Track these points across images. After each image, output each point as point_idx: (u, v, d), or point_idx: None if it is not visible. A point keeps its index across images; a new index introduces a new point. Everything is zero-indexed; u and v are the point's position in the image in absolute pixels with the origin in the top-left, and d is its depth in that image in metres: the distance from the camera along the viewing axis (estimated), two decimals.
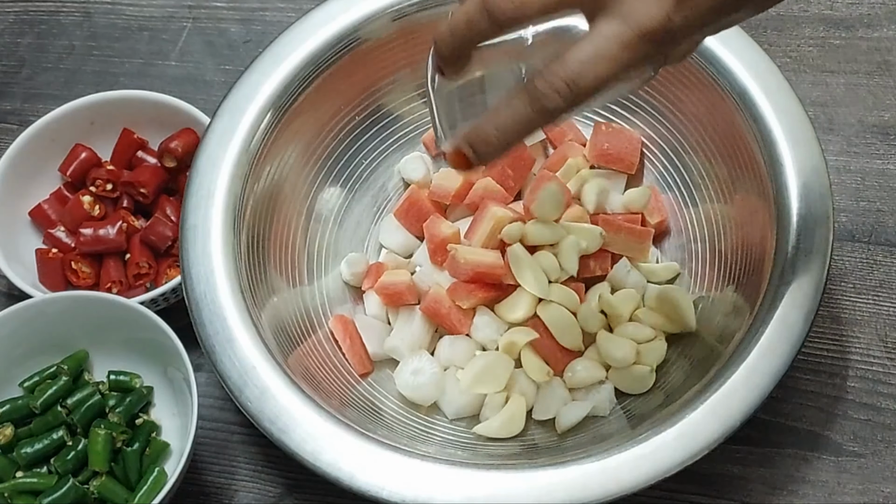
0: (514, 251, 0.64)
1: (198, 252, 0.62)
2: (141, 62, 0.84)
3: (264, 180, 0.66)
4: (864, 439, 0.64)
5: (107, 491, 0.61)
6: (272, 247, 0.67)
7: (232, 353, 0.59)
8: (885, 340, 0.67)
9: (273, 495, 0.65)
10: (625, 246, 0.67)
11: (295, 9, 0.84)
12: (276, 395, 0.57)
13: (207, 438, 0.67)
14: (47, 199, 0.73)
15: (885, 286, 0.69)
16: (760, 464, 0.64)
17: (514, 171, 0.69)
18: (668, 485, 0.58)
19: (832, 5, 0.81)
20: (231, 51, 0.84)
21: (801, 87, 0.77)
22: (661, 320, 0.65)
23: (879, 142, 0.75)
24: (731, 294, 0.63)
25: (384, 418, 0.63)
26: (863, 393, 0.66)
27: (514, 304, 0.65)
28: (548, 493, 0.54)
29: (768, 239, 0.61)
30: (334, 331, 0.67)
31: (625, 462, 0.54)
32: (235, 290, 0.61)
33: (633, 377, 0.63)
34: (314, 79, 0.68)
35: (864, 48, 0.79)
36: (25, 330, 0.64)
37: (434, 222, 0.68)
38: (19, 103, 0.83)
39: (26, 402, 0.63)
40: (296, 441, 0.56)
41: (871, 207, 0.72)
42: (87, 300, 0.64)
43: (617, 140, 0.70)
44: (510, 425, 0.62)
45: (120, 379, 0.65)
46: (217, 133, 0.65)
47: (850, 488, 0.63)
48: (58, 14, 0.87)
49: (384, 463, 0.55)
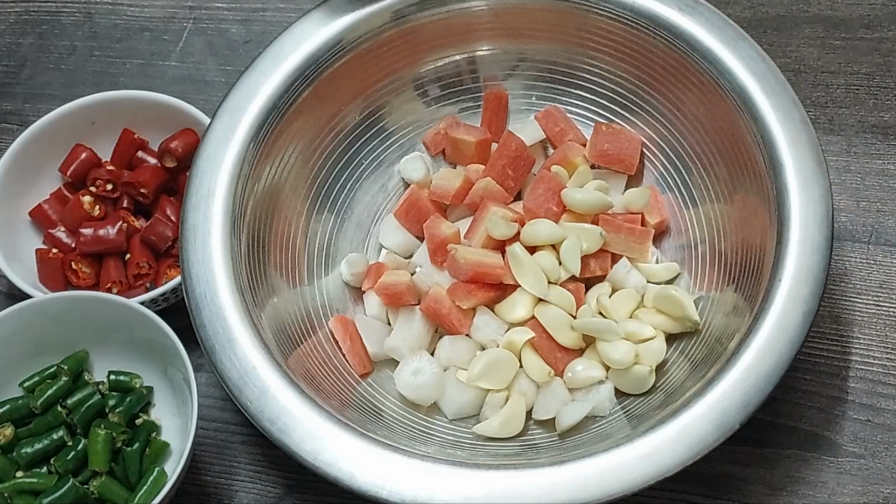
0: (514, 251, 0.64)
1: (198, 252, 0.62)
2: (141, 62, 0.84)
3: (264, 180, 0.66)
4: (864, 440, 0.64)
5: (107, 491, 0.61)
6: (272, 247, 0.67)
7: (232, 353, 0.59)
8: (885, 341, 0.67)
9: (273, 495, 0.65)
10: (625, 246, 0.67)
11: (295, 9, 0.84)
12: (276, 395, 0.57)
13: (207, 438, 0.67)
14: (47, 200, 0.74)
15: (886, 286, 0.69)
16: (760, 464, 0.64)
17: (514, 171, 0.69)
18: (668, 485, 0.58)
19: (832, 5, 0.81)
20: (231, 51, 0.84)
21: (801, 88, 0.77)
22: (662, 319, 0.65)
23: (879, 142, 0.75)
24: (731, 294, 0.63)
25: (384, 418, 0.63)
26: (863, 394, 0.66)
27: (513, 304, 0.65)
28: (548, 493, 0.54)
29: (768, 239, 0.61)
30: (334, 331, 0.67)
31: (625, 462, 0.54)
32: (235, 290, 0.61)
33: (632, 377, 0.63)
34: (314, 79, 0.68)
35: (865, 49, 0.79)
36: (25, 330, 0.64)
37: (434, 222, 0.68)
38: (20, 103, 0.83)
39: (26, 402, 0.64)
40: (296, 441, 0.56)
41: (871, 207, 0.72)
42: (87, 300, 0.64)
43: (617, 140, 0.70)
44: (510, 425, 0.62)
45: (120, 379, 0.65)
46: (217, 133, 0.65)
47: (850, 489, 0.63)
48: (59, 14, 0.87)
49: (384, 463, 0.55)
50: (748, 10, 0.81)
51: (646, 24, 0.67)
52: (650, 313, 0.65)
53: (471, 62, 0.74)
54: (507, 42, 0.73)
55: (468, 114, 0.75)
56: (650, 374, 0.63)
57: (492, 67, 0.74)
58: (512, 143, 0.69)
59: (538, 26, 0.71)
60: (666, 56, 0.67)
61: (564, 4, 0.69)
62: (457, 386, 0.64)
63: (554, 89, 0.74)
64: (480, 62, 0.74)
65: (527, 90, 0.74)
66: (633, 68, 0.70)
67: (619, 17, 0.68)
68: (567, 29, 0.70)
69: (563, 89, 0.73)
